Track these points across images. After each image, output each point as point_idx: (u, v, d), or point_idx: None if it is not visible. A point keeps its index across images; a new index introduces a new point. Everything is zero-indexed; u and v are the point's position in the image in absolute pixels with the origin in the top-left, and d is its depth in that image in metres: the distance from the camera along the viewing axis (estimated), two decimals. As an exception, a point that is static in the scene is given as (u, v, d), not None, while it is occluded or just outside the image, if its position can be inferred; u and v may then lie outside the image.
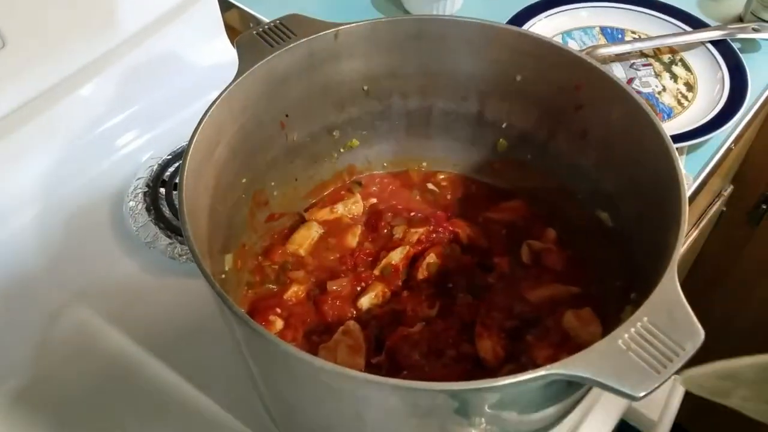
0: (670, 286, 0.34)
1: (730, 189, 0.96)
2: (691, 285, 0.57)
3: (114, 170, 0.67)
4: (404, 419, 0.34)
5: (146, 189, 0.65)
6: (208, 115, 0.42)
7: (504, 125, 0.54)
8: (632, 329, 0.33)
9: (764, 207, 0.95)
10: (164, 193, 0.65)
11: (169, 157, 0.67)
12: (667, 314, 0.33)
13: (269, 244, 0.54)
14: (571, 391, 0.37)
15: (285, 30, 0.47)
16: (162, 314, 0.56)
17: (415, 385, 0.29)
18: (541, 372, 0.31)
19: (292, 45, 0.46)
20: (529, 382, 0.31)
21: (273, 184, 0.52)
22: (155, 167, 0.66)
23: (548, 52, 0.47)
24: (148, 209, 0.63)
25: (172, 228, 0.61)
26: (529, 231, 0.54)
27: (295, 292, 0.51)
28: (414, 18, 0.50)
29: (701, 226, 0.91)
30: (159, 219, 0.62)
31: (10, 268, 0.59)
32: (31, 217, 0.63)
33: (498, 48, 0.49)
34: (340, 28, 0.48)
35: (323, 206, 0.56)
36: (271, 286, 0.52)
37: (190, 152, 0.39)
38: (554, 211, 0.54)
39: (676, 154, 0.40)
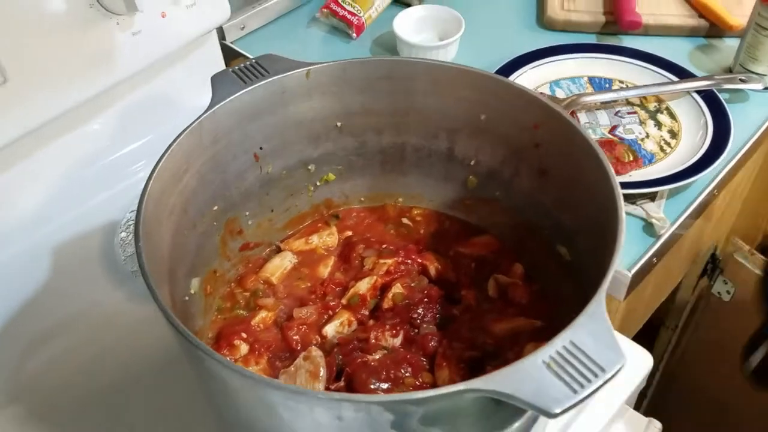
0: (597, 310, 0.35)
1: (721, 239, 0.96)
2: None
3: (109, 203, 0.69)
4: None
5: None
6: (175, 143, 0.44)
7: (473, 162, 0.55)
8: (555, 350, 0.33)
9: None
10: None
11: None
12: (593, 337, 0.34)
13: (244, 273, 0.56)
14: (504, 414, 0.37)
15: (259, 68, 0.50)
16: (142, 342, 0.58)
17: (330, 396, 0.30)
18: (460, 387, 0.32)
19: (264, 81, 0.49)
20: (448, 396, 0.32)
21: (247, 213, 0.54)
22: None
23: (507, 92, 0.49)
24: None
25: (158, 257, 0.64)
26: (497, 265, 0.55)
27: (263, 318, 0.52)
28: (383, 59, 0.53)
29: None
30: (148, 248, 0.65)
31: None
32: (25, 244, 0.66)
33: (462, 88, 0.51)
34: (312, 67, 0.50)
35: (299, 237, 0.58)
36: (241, 312, 0.53)
37: (153, 177, 0.42)
38: (521, 246, 0.55)
39: (620, 191, 0.41)
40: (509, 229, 0.55)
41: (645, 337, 1.15)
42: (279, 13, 0.95)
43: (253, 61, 0.50)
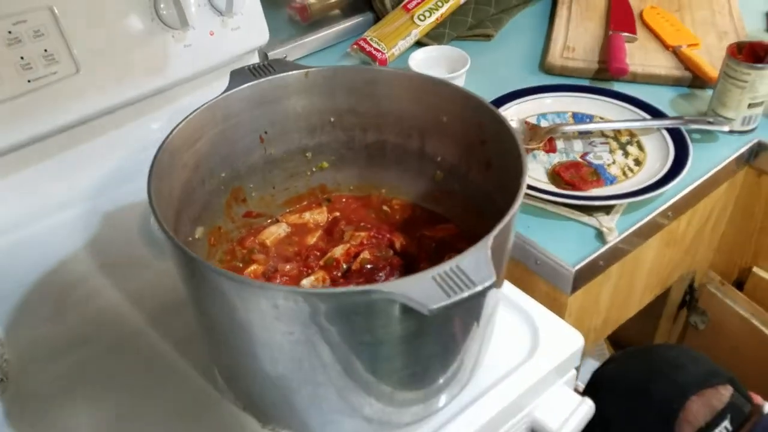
0: (482, 246, 0.44)
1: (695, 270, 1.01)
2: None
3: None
4: (273, 323, 0.45)
5: (173, 198, 0.81)
6: (193, 114, 0.57)
7: (439, 159, 0.66)
8: (443, 270, 0.43)
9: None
10: (187, 203, 0.80)
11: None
12: (474, 263, 0.43)
13: (245, 235, 0.67)
14: (411, 326, 0.46)
15: (269, 68, 0.62)
16: (155, 283, 0.70)
17: (266, 285, 0.41)
18: (366, 287, 0.42)
19: (271, 77, 0.62)
20: (358, 294, 0.42)
21: (252, 186, 0.66)
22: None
23: (461, 97, 0.60)
24: (171, 212, 0.79)
25: (183, 225, 0.76)
26: (454, 246, 0.65)
27: (254, 269, 0.63)
28: (367, 68, 0.64)
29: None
30: (177, 220, 0.77)
31: (55, 247, 0.75)
32: (81, 209, 0.79)
33: (428, 94, 0.62)
34: (310, 69, 0.63)
35: (294, 213, 0.70)
36: (237, 263, 0.64)
37: (172, 134, 0.54)
38: (474, 230, 0.64)
39: (526, 168, 0.51)
40: (465, 216, 0.65)
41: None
42: (318, 47, 1.09)
43: (265, 62, 0.63)
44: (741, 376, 0.74)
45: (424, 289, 0.41)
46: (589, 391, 0.75)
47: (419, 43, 1.07)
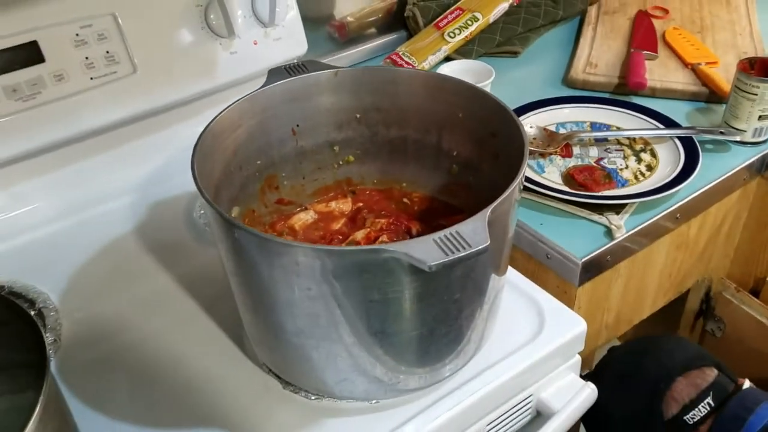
0: (481, 215, 0.49)
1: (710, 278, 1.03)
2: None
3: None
4: (294, 279, 0.50)
5: (215, 191, 0.87)
6: (234, 103, 0.63)
7: (454, 153, 0.71)
8: (444, 234, 0.47)
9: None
10: (227, 195, 0.87)
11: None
12: (471, 229, 0.48)
13: (276, 219, 0.73)
14: (416, 286, 0.51)
15: (302, 67, 0.69)
16: (198, 264, 0.77)
17: (288, 242, 0.46)
18: (375, 246, 0.47)
19: (304, 75, 0.68)
20: (368, 252, 0.47)
21: (284, 175, 0.72)
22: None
23: (474, 94, 0.65)
24: (212, 203, 0.85)
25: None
26: (466, 235, 0.70)
27: (283, 249, 0.69)
28: (390, 68, 0.70)
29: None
30: (217, 210, 0.84)
31: (107, 230, 0.82)
32: (130, 199, 0.87)
33: (445, 92, 0.67)
34: (339, 69, 0.69)
35: (322, 202, 0.75)
36: (268, 243, 0.70)
37: (215, 120, 0.61)
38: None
39: (526, 159, 0.56)
40: (478, 208, 0.69)
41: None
42: (353, 62, 1.16)
43: (299, 62, 0.69)
44: (760, 381, 0.77)
45: (425, 249, 0.46)
46: (590, 377, 0.78)
47: (448, 59, 1.12)
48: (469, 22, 1.15)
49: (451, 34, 1.13)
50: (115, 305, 0.72)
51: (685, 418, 0.74)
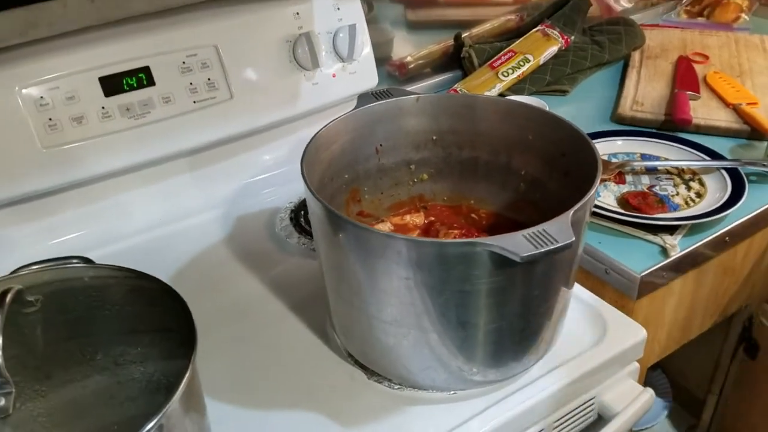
0: (565, 216, 0.54)
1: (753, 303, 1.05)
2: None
3: (276, 197, 0.96)
4: (394, 268, 0.55)
5: (292, 208, 0.94)
6: (331, 123, 0.70)
7: (523, 172, 0.76)
8: (532, 231, 0.53)
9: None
10: (302, 213, 0.93)
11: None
12: (556, 228, 0.53)
13: (357, 230, 0.79)
14: (501, 280, 0.56)
15: (387, 93, 0.76)
16: (282, 271, 0.82)
17: (392, 235, 0.52)
18: (472, 240, 0.53)
19: (388, 100, 0.75)
20: (465, 245, 0.53)
21: (366, 189, 0.78)
22: (301, 198, 0.96)
23: (544, 117, 0.71)
24: (290, 218, 0.92)
25: (300, 230, 0.89)
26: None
27: (365, 255, 0.75)
28: (467, 95, 0.77)
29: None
30: (296, 224, 0.90)
31: (200, 239, 0.89)
32: (219, 212, 0.94)
33: (516, 117, 0.73)
34: (420, 95, 0.76)
35: (397, 216, 0.81)
36: (351, 250, 0.76)
37: (317, 135, 0.67)
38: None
39: (601, 165, 0.61)
40: (541, 221, 0.75)
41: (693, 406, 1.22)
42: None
43: (385, 89, 0.76)
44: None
45: (516, 243, 0.52)
46: None
47: (501, 96, 1.19)
48: (521, 63, 1.21)
49: (505, 73, 1.20)
50: (209, 307, 0.77)
51: None
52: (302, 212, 0.92)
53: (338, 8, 0.96)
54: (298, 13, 0.92)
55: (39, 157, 0.77)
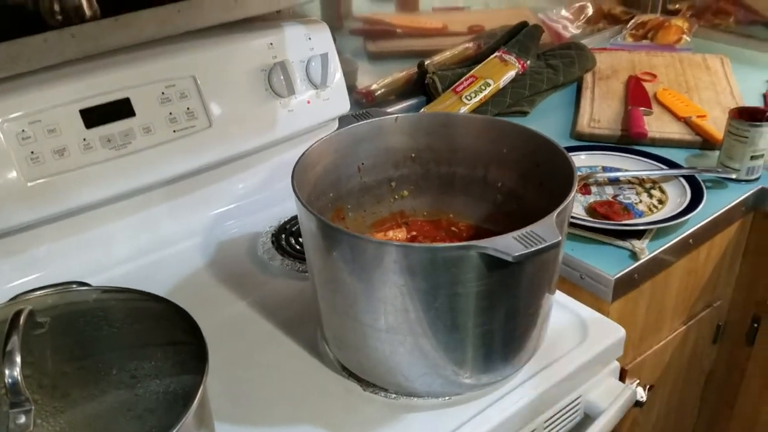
0: (549, 217, 0.57)
1: (719, 303, 1.10)
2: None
3: (255, 222, 0.97)
4: (389, 276, 0.57)
5: (273, 232, 0.95)
6: (314, 144, 0.72)
7: (499, 184, 0.79)
8: (521, 233, 0.55)
9: (755, 326, 1.08)
10: (283, 236, 0.94)
11: (289, 218, 0.97)
12: (542, 229, 0.56)
13: (342, 248, 0.80)
14: (492, 282, 0.58)
15: (367, 114, 0.78)
16: (267, 292, 0.83)
17: (383, 242, 0.54)
18: (464, 243, 0.55)
19: (368, 121, 0.77)
20: (460, 248, 0.55)
21: (349, 206, 0.80)
22: (281, 222, 0.97)
23: (517, 131, 0.74)
24: (272, 242, 0.93)
25: (282, 252, 0.90)
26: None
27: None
28: (442, 113, 0.80)
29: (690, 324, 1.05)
30: (278, 247, 0.91)
31: (184, 266, 0.89)
32: (199, 238, 0.94)
33: (492, 131, 0.77)
34: (399, 115, 0.78)
35: (379, 231, 0.83)
36: (338, 267, 0.77)
37: (305, 154, 0.69)
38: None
39: (576, 176, 0.64)
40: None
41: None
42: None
43: (365, 111, 0.78)
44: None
45: (508, 244, 0.54)
46: None
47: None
48: (483, 87, 1.26)
49: (468, 97, 1.24)
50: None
51: None
52: (283, 235, 0.93)
53: (309, 38, 0.99)
54: (272, 44, 0.94)
55: (22, 190, 0.76)
